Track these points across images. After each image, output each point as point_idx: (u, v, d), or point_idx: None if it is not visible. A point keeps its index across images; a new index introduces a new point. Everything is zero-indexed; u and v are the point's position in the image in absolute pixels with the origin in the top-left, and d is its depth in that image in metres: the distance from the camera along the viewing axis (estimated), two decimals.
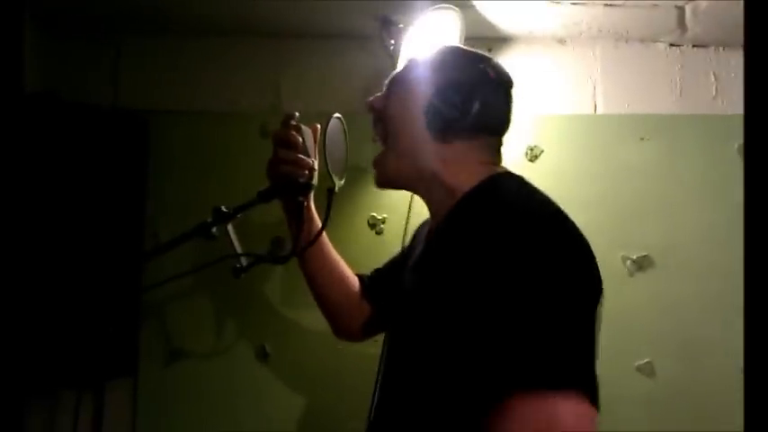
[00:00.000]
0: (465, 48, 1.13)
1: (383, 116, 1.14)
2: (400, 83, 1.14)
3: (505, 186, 1.02)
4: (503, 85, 1.10)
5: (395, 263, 1.35)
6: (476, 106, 1.04)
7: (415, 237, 1.32)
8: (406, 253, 1.31)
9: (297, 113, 1.21)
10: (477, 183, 1.02)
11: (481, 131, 1.07)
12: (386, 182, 1.16)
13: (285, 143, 1.19)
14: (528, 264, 0.85)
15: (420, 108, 1.07)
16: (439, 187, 1.07)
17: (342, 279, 1.34)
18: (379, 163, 1.15)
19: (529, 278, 0.85)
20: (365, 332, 1.37)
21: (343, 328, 1.39)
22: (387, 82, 1.17)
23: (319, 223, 1.26)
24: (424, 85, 1.08)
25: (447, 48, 1.13)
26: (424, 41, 1.56)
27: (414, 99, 1.08)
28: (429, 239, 1.12)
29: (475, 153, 1.07)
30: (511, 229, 0.89)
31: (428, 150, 1.07)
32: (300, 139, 1.19)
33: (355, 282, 1.35)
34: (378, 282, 1.35)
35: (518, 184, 1.02)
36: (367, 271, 1.38)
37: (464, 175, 1.04)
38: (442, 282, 0.95)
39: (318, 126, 1.22)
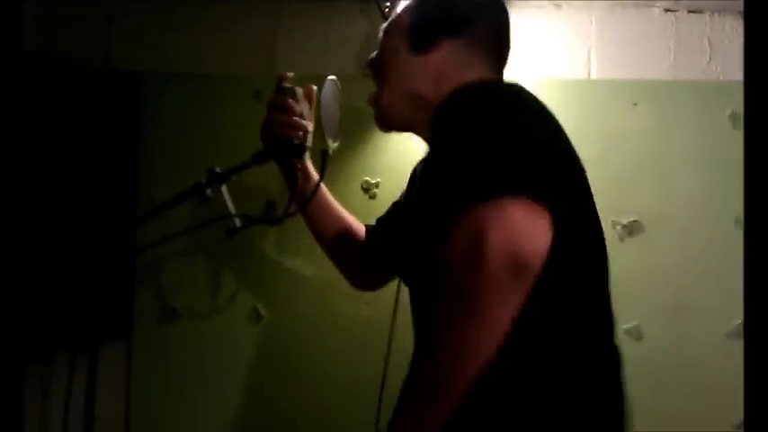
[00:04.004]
0: None
1: (379, 64, 1.14)
2: (386, 27, 1.15)
3: (471, 95, 0.98)
4: None
5: (395, 208, 1.36)
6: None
7: (411, 177, 1.32)
8: (404, 195, 1.32)
9: (291, 74, 1.21)
10: (447, 94, 0.99)
11: (462, 29, 1.07)
12: (384, 118, 1.16)
13: (279, 107, 1.18)
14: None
15: (403, 32, 1.08)
16: (427, 111, 1.03)
17: (348, 231, 1.36)
18: (375, 100, 1.15)
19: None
20: (377, 281, 1.39)
21: (357, 279, 1.41)
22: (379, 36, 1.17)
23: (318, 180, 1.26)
24: (404, 13, 1.11)
25: None
26: None
27: (397, 28, 1.10)
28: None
29: (460, 64, 1.06)
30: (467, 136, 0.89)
31: (414, 70, 1.07)
32: (294, 103, 1.19)
33: (362, 232, 1.37)
34: (378, 231, 1.36)
35: (489, 91, 1.00)
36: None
37: (444, 89, 1.01)
38: (429, 210, 0.95)
39: (314, 87, 1.22)
